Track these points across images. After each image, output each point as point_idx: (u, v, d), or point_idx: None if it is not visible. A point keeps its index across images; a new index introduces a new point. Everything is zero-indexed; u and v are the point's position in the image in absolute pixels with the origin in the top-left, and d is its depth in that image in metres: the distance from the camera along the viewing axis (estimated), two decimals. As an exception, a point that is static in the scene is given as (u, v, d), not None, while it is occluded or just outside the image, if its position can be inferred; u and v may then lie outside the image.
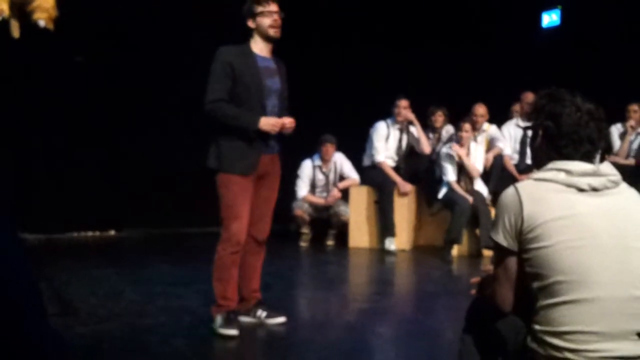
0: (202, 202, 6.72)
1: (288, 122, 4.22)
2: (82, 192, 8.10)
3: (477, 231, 7.41)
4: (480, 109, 7.94)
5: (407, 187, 7.77)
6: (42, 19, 4.50)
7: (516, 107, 8.49)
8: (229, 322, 4.19)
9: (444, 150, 7.60)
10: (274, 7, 4.21)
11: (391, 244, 7.59)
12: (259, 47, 4.26)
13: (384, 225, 7.72)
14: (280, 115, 4.27)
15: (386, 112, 8.00)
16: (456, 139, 7.63)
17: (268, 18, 4.18)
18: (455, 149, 7.42)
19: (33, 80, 7.68)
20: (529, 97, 7.74)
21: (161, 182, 8.34)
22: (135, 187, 8.37)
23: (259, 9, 4.18)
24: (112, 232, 8.68)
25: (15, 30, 4.68)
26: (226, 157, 4.16)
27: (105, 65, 8.10)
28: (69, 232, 8.38)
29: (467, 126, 7.51)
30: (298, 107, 8.87)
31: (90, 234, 8.54)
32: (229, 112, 4.13)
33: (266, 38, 4.24)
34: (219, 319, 4.20)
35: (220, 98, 4.12)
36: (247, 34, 4.27)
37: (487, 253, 7.17)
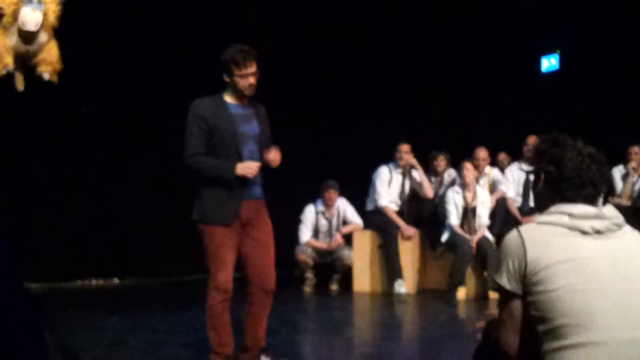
0: (203, 250, 6.73)
1: (271, 156, 4.21)
2: (85, 241, 8.10)
3: (485, 273, 7.38)
4: (482, 153, 7.99)
5: (411, 231, 7.77)
6: (46, 72, 4.59)
7: (501, 156, 8.62)
8: None
9: (449, 193, 7.62)
10: (252, 69, 4.14)
11: (401, 287, 7.55)
12: (232, 97, 4.25)
13: (391, 269, 7.69)
14: (260, 160, 4.26)
15: (388, 157, 8.05)
16: (460, 182, 7.66)
17: (245, 81, 4.15)
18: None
19: (35, 130, 7.73)
20: (532, 140, 7.79)
21: (163, 231, 8.32)
22: (138, 236, 8.37)
23: (236, 71, 4.13)
24: (116, 281, 8.66)
25: (19, 83, 4.76)
26: (207, 208, 4.18)
27: (107, 114, 8.17)
28: (72, 280, 8.36)
29: (468, 165, 7.54)
30: (299, 153, 8.93)
31: (93, 282, 8.52)
32: (206, 165, 4.16)
33: (239, 95, 4.23)
34: (218, 367, 4.19)
35: (197, 152, 4.15)
36: None
37: (494, 295, 7.13)
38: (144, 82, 8.11)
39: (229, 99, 4.25)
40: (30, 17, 4.28)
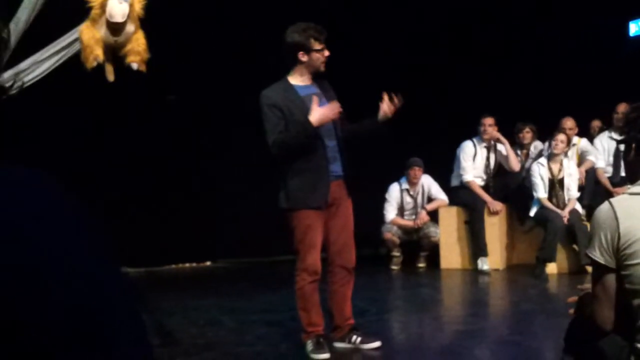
0: (290, 232, 6.82)
1: (385, 105, 4.30)
2: (178, 226, 8.32)
3: (575, 247, 7.22)
4: (569, 122, 7.77)
5: (498, 205, 7.66)
6: (135, 62, 4.74)
7: (596, 123, 8.36)
8: (319, 346, 4.26)
9: (534, 166, 7.47)
10: (324, 44, 4.28)
11: (484, 264, 7.48)
12: (301, 79, 4.31)
13: (476, 245, 7.62)
14: (337, 135, 4.31)
15: (473, 132, 7.94)
16: (547, 154, 7.48)
17: (322, 55, 4.25)
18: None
19: (122, 119, 7.95)
20: (623, 107, 7.52)
21: (252, 213, 8.46)
22: (228, 219, 8.53)
23: (317, 46, 4.23)
24: (208, 263, 8.89)
25: (110, 74, 4.93)
26: (296, 194, 4.21)
27: (192, 103, 8.33)
28: (167, 264, 8.63)
29: (561, 136, 7.36)
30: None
31: (187, 265, 8.77)
32: (286, 138, 4.18)
33: (314, 72, 4.31)
34: (309, 345, 4.29)
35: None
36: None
37: (587, 269, 6.97)
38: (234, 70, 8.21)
39: (294, 81, 4.31)
40: (118, 9, 4.44)
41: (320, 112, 4.16)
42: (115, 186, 7.98)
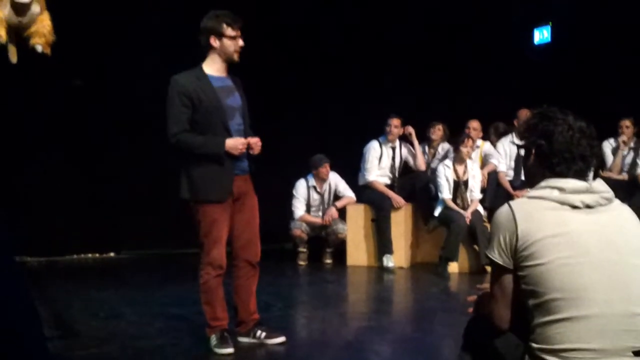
0: (195, 226, 6.74)
1: (253, 142, 4.23)
2: (81, 215, 8.12)
3: (476, 247, 7.42)
4: (474, 124, 7.98)
5: (401, 201, 7.78)
6: (39, 44, 4.56)
7: (500, 126, 8.54)
8: (223, 340, 4.25)
9: (440, 167, 7.63)
10: (239, 32, 4.20)
11: (389, 261, 7.60)
12: (215, 68, 4.25)
13: (382, 243, 7.74)
14: (246, 132, 4.29)
15: (379, 131, 8.05)
16: (453, 156, 7.65)
17: (235, 43, 4.18)
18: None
19: (31, 104, 7.71)
20: (524, 113, 7.78)
21: (158, 204, 8.31)
22: (133, 210, 8.36)
23: (229, 32, 4.16)
24: (112, 254, 8.69)
25: (12, 55, 4.72)
26: (198, 186, 4.18)
27: (103, 88, 8.12)
28: (69, 254, 8.40)
29: (469, 141, 7.54)
30: (289, 128, 8.88)
31: (90, 256, 8.55)
32: (194, 142, 4.14)
33: (227, 60, 4.24)
34: (213, 339, 4.27)
35: (183, 129, 4.13)
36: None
37: (488, 269, 7.17)
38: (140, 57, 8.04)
39: (209, 70, 4.25)
40: (23, -12, 4.26)
41: (236, 143, 4.13)
42: (16, 172, 7.71)
